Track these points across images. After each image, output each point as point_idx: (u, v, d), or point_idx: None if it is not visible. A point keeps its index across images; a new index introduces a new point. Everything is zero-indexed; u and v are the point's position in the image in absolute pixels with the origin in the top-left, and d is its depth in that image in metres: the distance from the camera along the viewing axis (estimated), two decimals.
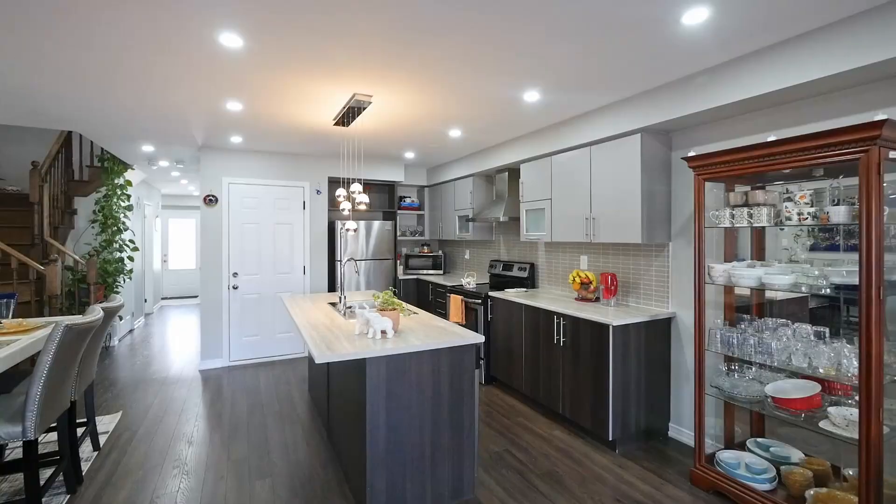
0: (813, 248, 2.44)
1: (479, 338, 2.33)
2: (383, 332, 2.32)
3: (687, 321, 2.95)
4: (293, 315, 2.97)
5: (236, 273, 4.72)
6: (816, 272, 2.04)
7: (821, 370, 2.01)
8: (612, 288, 3.23)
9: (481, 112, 3.33)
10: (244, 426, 3.25)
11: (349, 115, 3.22)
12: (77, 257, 4.68)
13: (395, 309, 2.43)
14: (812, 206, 2.05)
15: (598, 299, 3.53)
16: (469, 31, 2.05)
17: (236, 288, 4.72)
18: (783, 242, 2.58)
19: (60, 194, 5.14)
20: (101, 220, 5.15)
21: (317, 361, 1.94)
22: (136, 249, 5.48)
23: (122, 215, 5.43)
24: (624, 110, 2.99)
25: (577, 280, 3.52)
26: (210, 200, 4.57)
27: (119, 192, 5.34)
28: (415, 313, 3.01)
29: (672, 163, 3.05)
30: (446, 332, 2.41)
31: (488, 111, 3.30)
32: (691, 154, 2.43)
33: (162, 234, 9.08)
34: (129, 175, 5.99)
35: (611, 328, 2.78)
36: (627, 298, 3.38)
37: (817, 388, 2.11)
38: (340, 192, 3.31)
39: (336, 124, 3.50)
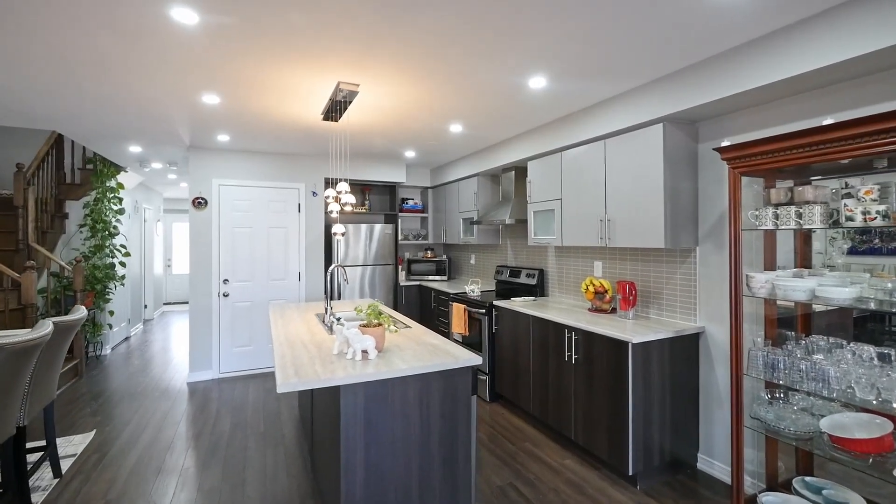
0: (850, 252, 2.10)
1: (476, 359, 2.00)
2: (364, 352, 2.00)
3: (718, 337, 2.58)
4: (272, 327, 2.68)
5: (227, 280, 4.47)
6: (889, 284, 1.66)
7: (895, 405, 1.63)
8: (631, 298, 2.87)
9: (482, 103, 3.01)
10: (223, 449, 2.97)
11: (337, 108, 2.93)
12: (63, 263, 4.49)
13: (379, 324, 2.12)
14: (881, 204, 1.67)
15: (614, 310, 3.17)
16: (458, 7, 1.74)
17: (227, 295, 4.47)
18: (815, 246, 2.22)
19: (50, 198, 4.96)
20: (89, 224, 4.96)
21: (278, 390, 1.64)
22: (127, 255, 5.28)
23: (114, 219, 5.24)
24: (643, 97, 2.64)
25: (591, 289, 3.17)
26: (199, 203, 4.33)
27: (110, 196, 5.15)
28: (407, 327, 2.69)
29: (699, 156, 2.68)
30: (438, 352, 2.09)
31: (490, 102, 2.98)
32: (725, 144, 2.08)
33: (165, 239, 8.95)
34: (124, 178, 5.83)
35: (630, 346, 2.42)
36: (648, 310, 3.01)
37: (888, 426, 1.73)
38: (329, 192, 3.02)
39: (325, 119, 3.22)
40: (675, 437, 2.58)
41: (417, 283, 5.41)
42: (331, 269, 2.80)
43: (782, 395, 2.10)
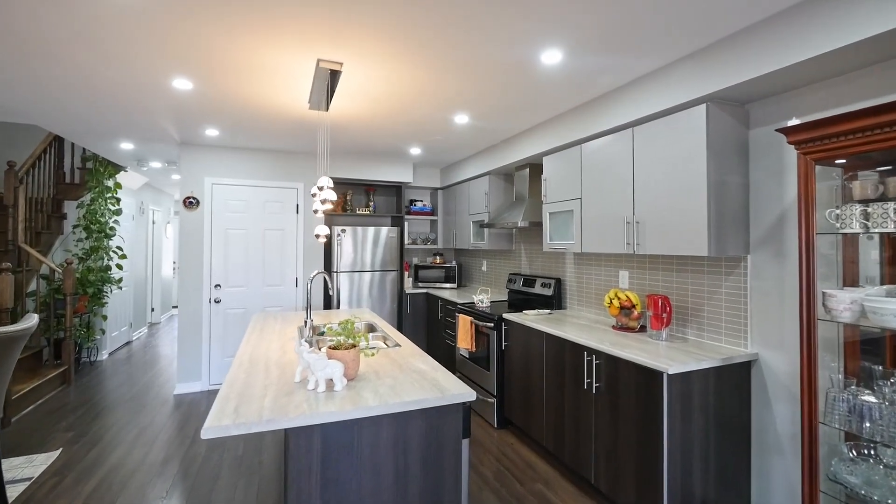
0: None
1: (468, 394, 1.59)
2: (329, 381, 1.62)
3: (776, 367, 2.08)
4: (242, 341, 2.33)
5: (219, 285, 4.19)
6: None
7: None
8: (664, 316, 2.40)
9: (488, 87, 2.61)
10: (192, 477, 2.64)
11: (322, 93, 2.59)
12: (53, 265, 4.30)
13: (352, 346, 1.73)
14: None
15: (643, 329, 2.70)
16: None
17: (219, 301, 4.19)
18: (871, 255, 1.74)
19: (48, 198, 4.83)
20: (83, 224, 4.78)
21: (203, 435, 1.27)
22: (123, 257, 5.09)
23: (111, 220, 5.06)
24: (681, 73, 2.19)
25: (616, 303, 2.71)
26: (190, 203, 4.07)
27: (107, 196, 4.97)
28: (397, 345, 2.30)
29: (749, 145, 2.21)
30: (423, 382, 1.69)
31: (497, 84, 2.58)
32: (793, 123, 1.62)
33: (175, 241, 8.86)
34: (129, 178, 5.68)
35: (665, 377, 1.96)
36: (685, 330, 2.53)
37: None
38: (315, 189, 2.67)
39: (313, 108, 2.88)
40: (721, 489, 2.09)
41: (424, 291, 5.02)
42: (312, 275, 2.44)
43: (871, 453, 1.60)
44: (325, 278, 2.53)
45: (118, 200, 5.09)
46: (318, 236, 2.49)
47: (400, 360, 2.02)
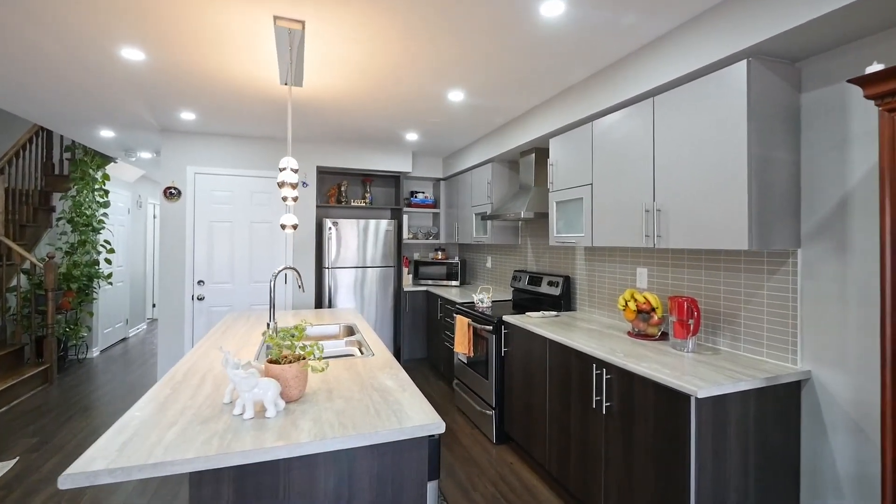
0: None
1: (434, 426, 1.23)
2: (259, 406, 1.29)
3: (835, 389, 1.66)
4: (193, 348, 2.03)
5: (202, 281, 3.93)
6: None
7: None
8: (691, 322, 2.00)
9: (481, 49, 2.23)
10: (148, 495, 2.36)
11: (291, 62, 2.25)
12: (34, 259, 4.11)
13: (299, 359, 1.40)
14: None
15: (664, 336, 2.29)
16: None
17: (201, 299, 3.93)
18: None
19: (34, 189, 4.66)
20: (68, 217, 4.59)
21: (59, 485, 0.95)
22: (111, 251, 4.89)
23: (99, 213, 4.86)
24: (715, 23, 1.77)
25: (631, 305, 2.30)
26: (171, 194, 3.82)
27: (94, 188, 4.77)
28: (372, 354, 1.96)
29: (801, 112, 1.78)
30: (382, 406, 1.34)
31: (491, 48, 2.20)
32: (874, 69, 1.21)
33: None
34: (124, 170, 5.49)
35: (693, 401, 1.56)
36: (716, 339, 2.12)
37: None
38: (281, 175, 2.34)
39: (285, 83, 2.55)
40: None
41: (425, 288, 4.67)
42: (276, 272, 2.13)
43: None
44: (296, 274, 2.21)
45: (106, 192, 4.88)
46: (283, 226, 2.17)
47: (365, 373, 1.67)
